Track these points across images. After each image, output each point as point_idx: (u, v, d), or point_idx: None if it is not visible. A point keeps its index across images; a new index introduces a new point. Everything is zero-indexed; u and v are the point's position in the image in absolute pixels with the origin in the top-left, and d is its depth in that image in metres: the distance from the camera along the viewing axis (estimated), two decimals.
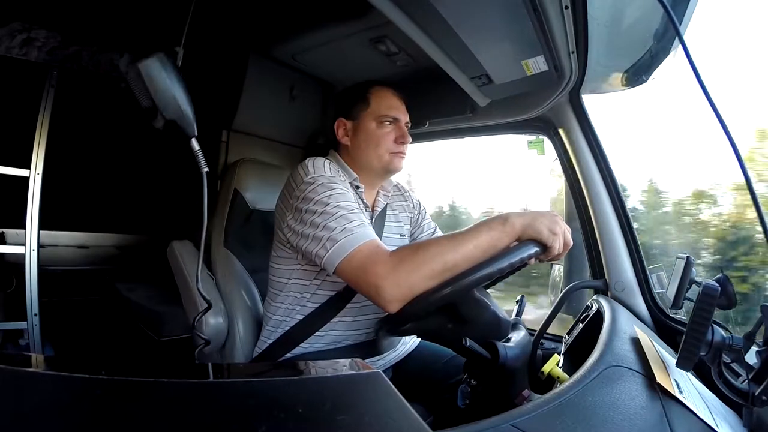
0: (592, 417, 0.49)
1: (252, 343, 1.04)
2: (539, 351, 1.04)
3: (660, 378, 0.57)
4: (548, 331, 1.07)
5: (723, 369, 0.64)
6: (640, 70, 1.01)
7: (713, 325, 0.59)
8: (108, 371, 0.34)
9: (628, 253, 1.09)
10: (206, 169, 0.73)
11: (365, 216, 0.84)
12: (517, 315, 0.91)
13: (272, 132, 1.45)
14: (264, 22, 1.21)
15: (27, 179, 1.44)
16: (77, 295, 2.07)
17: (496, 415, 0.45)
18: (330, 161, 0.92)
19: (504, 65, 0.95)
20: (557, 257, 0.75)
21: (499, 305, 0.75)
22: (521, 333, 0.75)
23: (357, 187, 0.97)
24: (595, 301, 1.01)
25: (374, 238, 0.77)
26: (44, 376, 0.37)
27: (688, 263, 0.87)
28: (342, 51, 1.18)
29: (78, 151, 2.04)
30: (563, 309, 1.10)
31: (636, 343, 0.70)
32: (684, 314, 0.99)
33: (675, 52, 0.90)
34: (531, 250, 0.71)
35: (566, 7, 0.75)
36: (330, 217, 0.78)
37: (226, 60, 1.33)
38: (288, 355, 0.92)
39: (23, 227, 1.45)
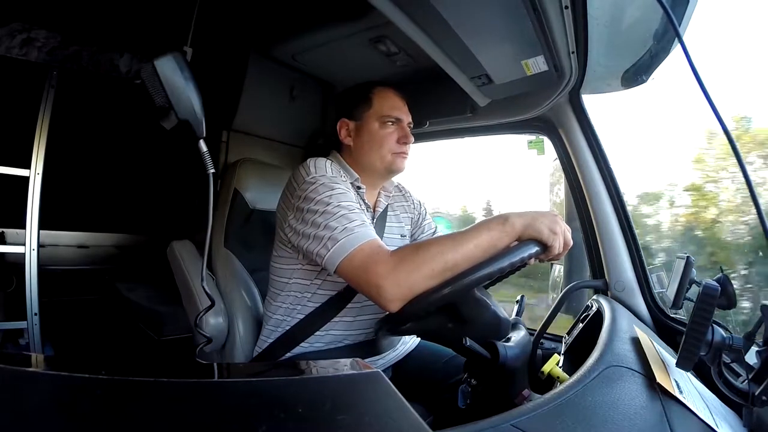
0: (592, 417, 0.49)
1: (252, 343, 1.04)
2: (539, 351, 1.04)
3: (660, 378, 0.57)
4: (548, 331, 1.07)
5: (723, 369, 0.63)
6: (640, 70, 1.01)
7: (713, 325, 0.59)
8: (108, 371, 0.34)
9: (628, 253, 1.10)
10: (213, 170, 0.73)
11: (366, 216, 0.84)
12: (517, 315, 0.91)
13: (272, 132, 1.45)
14: (264, 22, 1.21)
15: (27, 179, 1.44)
16: (77, 295, 2.08)
17: (496, 415, 0.45)
18: (332, 162, 0.92)
19: (504, 65, 0.95)
20: (557, 257, 0.75)
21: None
22: (521, 333, 0.75)
23: (358, 188, 0.97)
24: (595, 301, 1.01)
25: (375, 238, 0.77)
26: (44, 376, 0.37)
27: (688, 263, 0.87)
28: (342, 51, 1.18)
29: (78, 151, 2.04)
30: (563, 309, 1.10)
31: (636, 343, 0.70)
32: (684, 314, 0.99)
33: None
34: (531, 250, 0.71)
35: (566, 7, 0.75)
36: (331, 217, 0.78)
37: (227, 60, 1.33)
38: (288, 355, 0.92)
39: (23, 227, 1.45)
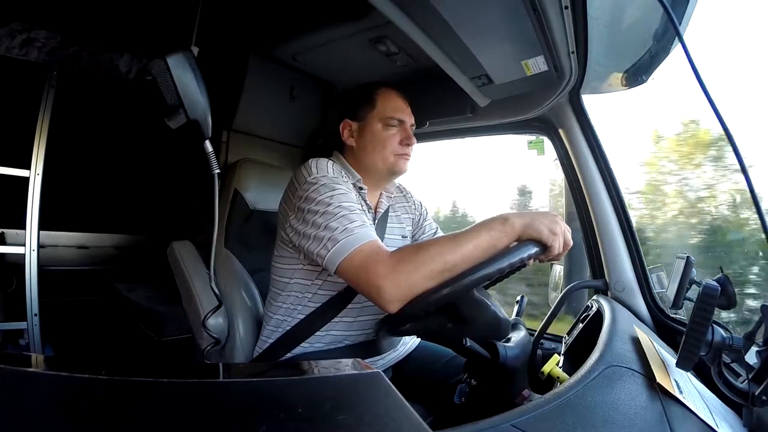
0: (592, 417, 0.49)
1: (252, 343, 1.04)
2: (539, 351, 1.04)
3: (660, 378, 0.57)
4: (548, 331, 1.07)
5: (723, 369, 0.63)
6: (640, 70, 1.02)
7: (713, 325, 0.59)
8: (108, 371, 0.34)
9: (628, 253, 1.09)
10: (217, 171, 0.73)
11: (367, 217, 0.84)
12: (517, 315, 0.91)
13: (272, 132, 1.45)
14: (265, 23, 1.21)
15: (27, 179, 1.44)
16: (77, 295, 2.08)
17: (496, 415, 0.45)
18: (334, 162, 0.92)
19: (504, 65, 0.95)
20: (557, 257, 0.75)
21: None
22: (521, 333, 0.75)
23: (360, 189, 0.97)
24: (595, 301, 1.01)
25: (375, 239, 0.77)
26: (44, 376, 0.37)
27: (688, 263, 0.87)
28: (342, 51, 1.18)
29: (78, 152, 2.04)
30: (563, 309, 1.10)
31: (636, 343, 0.70)
32: (684, 314, 0.99)
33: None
34: (531, 250, 0.71)
35: (566, 7, 0.75)
36: (332, 218, 0.78)
37: (227, 60, 1.33)
38: (288, 355, 0.92)
39: (23, 227, 1.45)
